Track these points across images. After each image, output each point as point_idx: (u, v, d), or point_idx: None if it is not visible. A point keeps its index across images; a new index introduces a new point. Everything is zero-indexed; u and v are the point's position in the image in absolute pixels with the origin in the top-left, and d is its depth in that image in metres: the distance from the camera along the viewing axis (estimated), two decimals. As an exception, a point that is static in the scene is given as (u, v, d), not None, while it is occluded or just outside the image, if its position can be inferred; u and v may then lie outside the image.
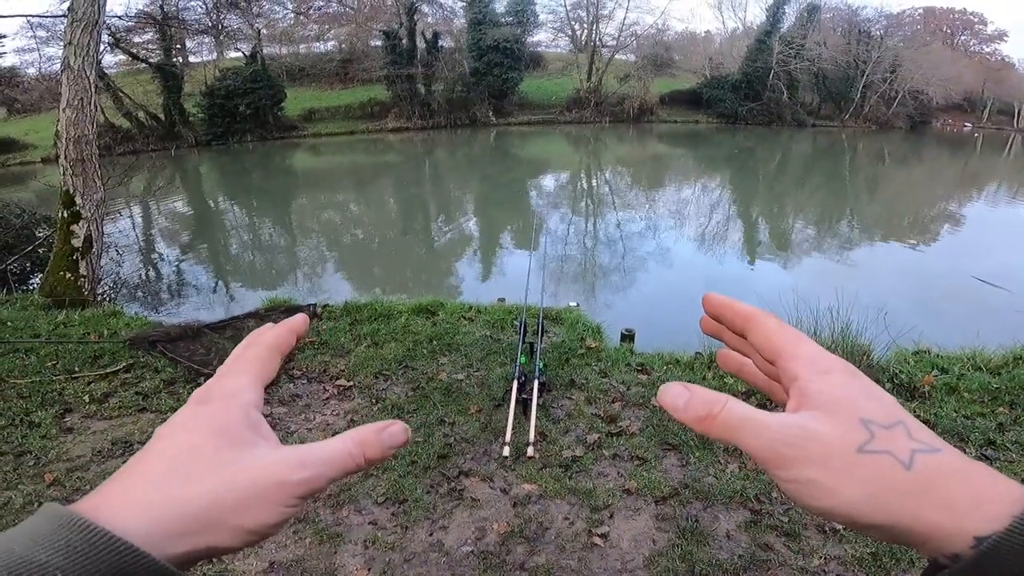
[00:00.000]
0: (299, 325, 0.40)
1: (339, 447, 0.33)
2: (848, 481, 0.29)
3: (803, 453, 0.30)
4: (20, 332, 4.84)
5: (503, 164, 23.92)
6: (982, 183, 21.25)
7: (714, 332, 0.41)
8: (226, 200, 17.91)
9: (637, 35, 36.87)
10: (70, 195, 5.89)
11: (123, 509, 0.28)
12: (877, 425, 0.30)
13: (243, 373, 0.36)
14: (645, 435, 3.36)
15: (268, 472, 0.31)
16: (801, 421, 0.31)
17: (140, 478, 0.30)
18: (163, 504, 0.29)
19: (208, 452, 0.31)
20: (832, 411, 0.31)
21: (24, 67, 29.20)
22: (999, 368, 4.06)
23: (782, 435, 0.30)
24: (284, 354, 0.39)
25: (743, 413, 0.32)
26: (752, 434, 0.31)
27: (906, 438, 0.29)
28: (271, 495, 0.31)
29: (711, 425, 0.32)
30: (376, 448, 0.34)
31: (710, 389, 0.33)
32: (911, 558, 2.44)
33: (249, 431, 0.33)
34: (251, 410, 0.34)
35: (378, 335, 4.66)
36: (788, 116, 35.84)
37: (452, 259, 10.72)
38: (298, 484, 0.31)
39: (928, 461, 0.29)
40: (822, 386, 0.32)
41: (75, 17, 5.54)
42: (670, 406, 0.33)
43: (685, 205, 15.70)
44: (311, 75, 34.55)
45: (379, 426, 0.35)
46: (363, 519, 2.77)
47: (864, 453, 0.29)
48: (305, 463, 0.32)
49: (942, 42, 44.37)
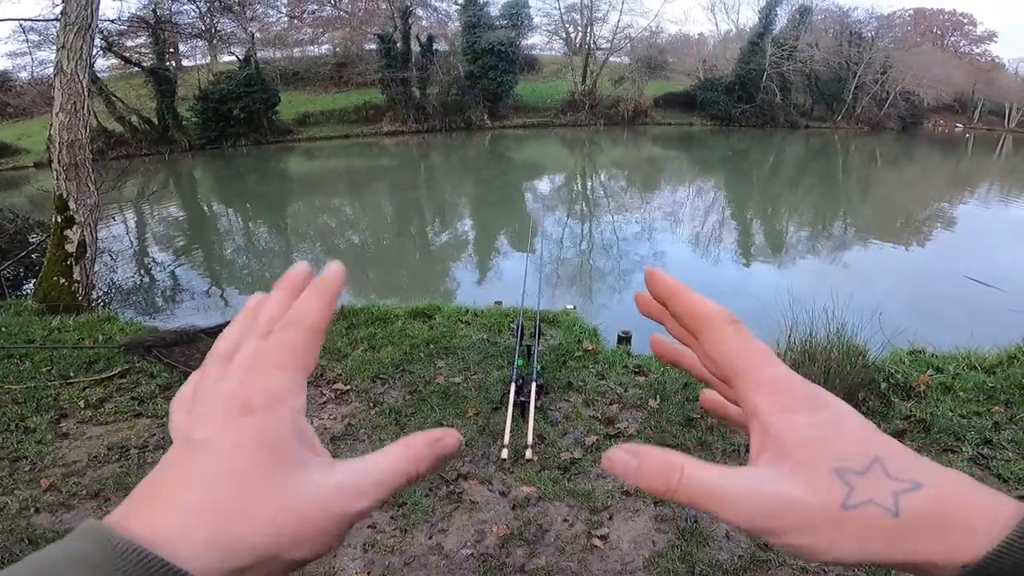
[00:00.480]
0: (338, 282, 0.34)
1: (394, 468, 0.31)
2: (838, 540, 0.27)
3: (785, 524, 0.28)
4: (14, 337, 4.82)
5: (498, 167, 23.94)
6: (974, 183, 21.40)
7: (654, 315, 0.36)
8: (220, 205, 17.86)
9: (631, 38, 36.99)
10: (63, 200, 5.86)
11: (179, 538, 0.26)
12: (853, 473, 0.28)
13: (285, 366, 0.31)
14: (643, 436, 3.37)
15: (328, 504, 0.29)
16: (774, 487, 0.28)
17: (192, 508, 0.27)
18: (224, 540, 0.27)
19: (260, 474, 0.28)
20: (802, 463, 0.28)
21: (16, 71, 29.14)
22: (994, 367, 4.08)
23: (758, 507, 0.28)
24: (326, 333, 0.33)
25: (705, 481, 0.29)
26: (726, 508, 0.28)
27: (884, 480, 0.28)
28: (329, 529, 0.29)
29: (675, 497, 0.29)
30: (429, 462, 0.32)
31: (660, 450, 0.30)
32: (909, 557, 2.46)
33: (300, 446, 0.30)
34: (300, 420, 0.30)
35: (375, 339, 4.65)
36: (781, 118, 36.02)
37: (448, 262, 10.72)
38: (355, 515, 0.29)
39: (913, 501, 0.27)
40: (787, 427, 0.29)
41: (68, 21, 5.52)
42: (619, 474, 0.30)
43: (680, 207, 15.76)
44: (305, 79, 34.51)
45: (431, 438, 0.32)
46: (362, 523, 2.77)
47: (848, 509, 0.27)
48: (364, 492, 0.30)
49: (932, 43, 44.70)
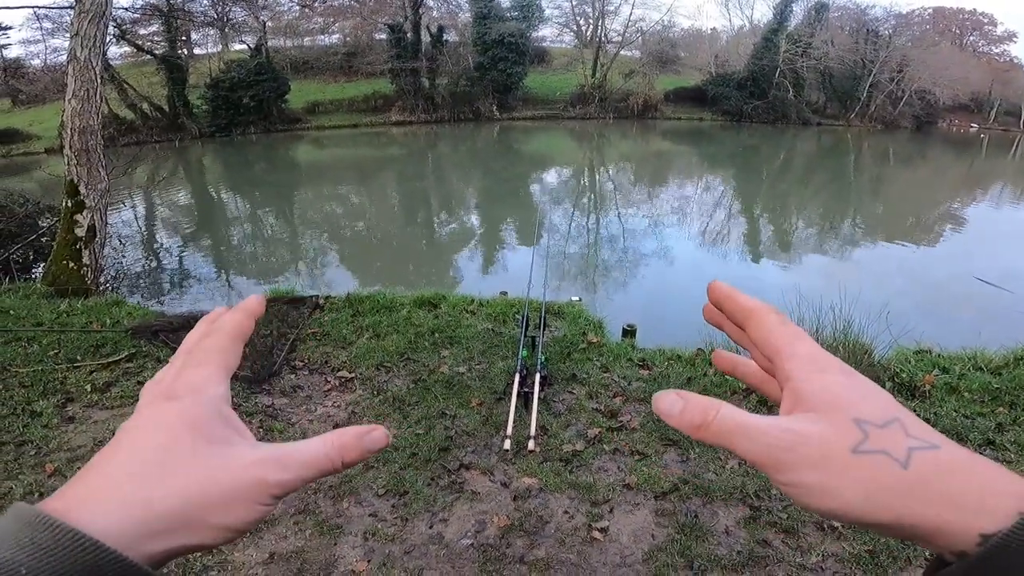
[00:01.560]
0: (255, 307, 0.38)
1: (319, 451, 0.33)
2: (845, 483, 0.28)
3: (798, 457, 0.29)
4: (22, 321, 4.86)
5: (506, 159, 23.88)
6: (987, 184, 21.17)
7: (716, 322, 0.40)
8: (229, 192, 17.92)
9: (643, 31, 36.70)
10: (74, 185, 5.90)
11: (94, 507, 0.27)
12: (871, 424, 0.29)
13: (206, 364, 0.35)
14: (646, 430, 3.36)
15: (248, 472, 0.31)
16: (795, 424, 0.31)
17: (111, 477, 0.29)
18: (139, 503, 0.28)
19: (184, 450, 0.30)
20: (825, 412, 0.30)
21: (29, 58, 29.29)
22: (1000, 368, 4.05)
23: (777, 439, 0.30)
24: (245, 340, 0.38)
25: (737, 419, 0.31)
26: (747, 439, 0.31)
27: (903, 436, 0.29)
28: (250, 494, 0.31)
29: (706, 432, 0.32)
30: (355, 452, 0.34)
31: (704, 396, 0.33)
32: (908, 556, 2.45)
33: (223, 427, 0.32)
34: (222, 405, 0.33)
35: (380, 327, 4.66)
36: (793, 114, 35.68)
37: (454, 253, 10.72)
38: (276, 485, 0.32)
39: (926, 458, 0.28)
40: (816, 386, 0.32)
41: (83, 8, 5.54)
42: (664, 413, 0.33)
43: (688, 202, 15.68)
44: (315, 68, 34.47)
45: (360, 431, 0.35)
46: (363, 511, 2.78)
47: (858, 454, 0.29)
48: (285, 465, 0.32)
49: (951, 42, 44.11)
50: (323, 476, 0.34)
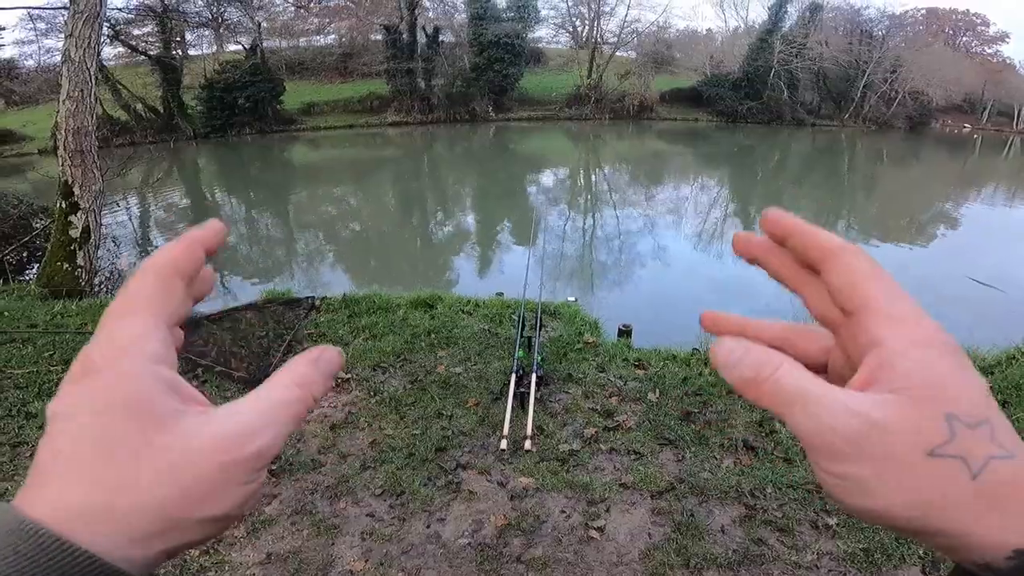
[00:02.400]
0: (208, 235, 0.30)
1: (280, 395, 0.28)
2: (904, 486, 0.24)
3: (860, 450, 0.25)
4: (17, 322, 4.84)
5: (502, 159, 23.90)
6: (980, 184, 21.29)
7: (755, 255, 0.33)
8: (224, 193, 17.88)
9: (638, 32, 36.78)
10: (68, 186, 5.88)
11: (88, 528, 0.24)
12: (962, 424, 0.25)
13: (130, 317, 0.27)
14: (642, 430, 3.38)
15: (211, 456, 0.26)
16: (868, 409, 0.25)
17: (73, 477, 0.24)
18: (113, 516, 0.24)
19: (128, 438, 0.25)
20: (919, 399, 0.25)
21: (23, 59, 29.11)
22: (992, 367, 4.08)
23: (841, 424, 0.25)
24: (190, 276, 0.29)
25: (798, 383, 0.26)
26: (803, 412, 0.26)
27: (988, 442, 0.24)
28: (221, 479, 0.26)
29: (757, 391, 0.27)
30: (319, 382, 0.30)
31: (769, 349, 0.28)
32: (903, 554, 2.47)
33: (165, 396, 0.26)
34: (158, 368, 0.27)
35: (376, 328, 4.67)
36: (788, 115, 35.81)
37: (450, 253, 10.73)
38: (251, 458, 0.27)
39: (999, 468, 0.24)
40: (914, 363, 0.26)
41: (77, 9, 5.52)
42: (721, 362, 0.28)
43: (683, 202, 15.72)
44: (311, 69, 34.44)
45: (310, 357, 0.30)
46: (361, 511, 2.79)
47: (934, 457, 0.24)
48: (252, 432, 0.27)
49: (944, 43, 44.34)
50: (300, 422, 0.29)
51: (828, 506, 2.75)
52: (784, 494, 2.84)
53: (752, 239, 0.32)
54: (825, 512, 2.72)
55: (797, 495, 2.83)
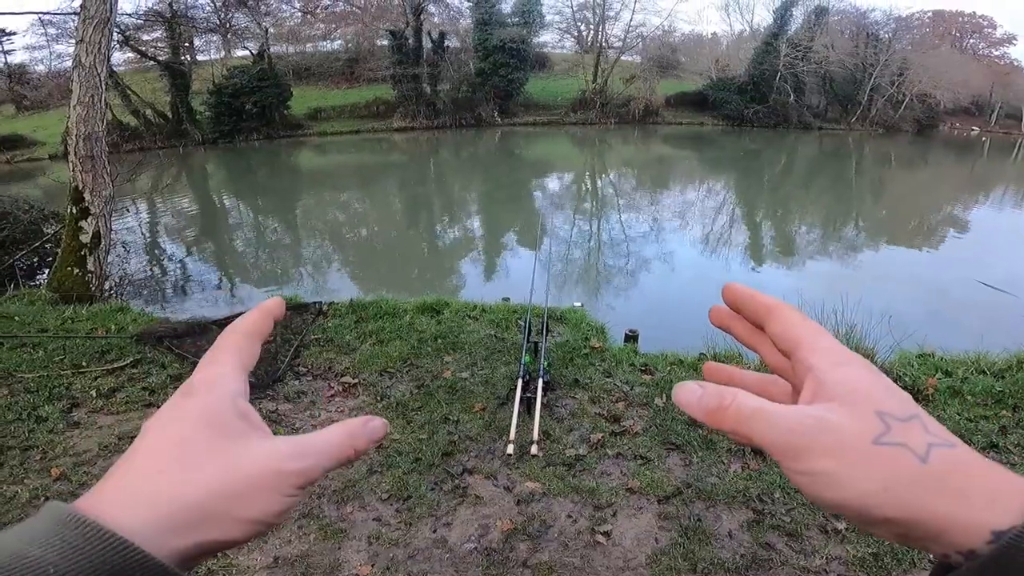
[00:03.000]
0: (274, 308, 0.39)
1: (334, 439, 0.34)
2: (863, 473, 0.28)
3: (818, 444, 0.29)
4: (28, 327, 4.88)
5: (508, 164, 23.94)
6: (989, 187, 21.16)
7: (724, 324, 0.40)
8: (232, 198, 17.98)
9: (643, 36, 36.80)
10: (79, 191, 5.93)
11: (121, 506, 0.28)
12: (893, 418, 0.29)
13: (223, 363, 0.35)
14: (648, 435, 3.37)
15: (265, 461, 0.31)
16: (816, 412, 0.30)
17: (136, 474, 0.29)
18: (162, 500, 0.28)
19: (201, 444, 0.31)
20: (848, 402, 0.30)
21: (33, 64, 29.45)
22: (1003, 372, 4.05)
23: (797, 424, 0.30)
24: (262, 338, 0.38)
25: (755, 404, 0.32)
26: (765, 424, 0.31)
27: (922, 432, 0.29)
28: (270, 484, 0.31)
29: (723, 416, 0.32)
30: (363, 440, 0.35)
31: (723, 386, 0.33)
32: (912, 559, 2.45)
33: (239, 421, 0.33)
34: (238, 399, 0.34)
35: (383, 333, 4.68)
36: (794, 119, 35.69)
37: (456, 259, 10.75)
38: (296, 473, 0.32)
39: (944, 455, 0.28)
40: (839, 377, 0.31)
41: (87, 15, 5.59)
42: (683, 402, 0.33)
43: (689, 207, 15.69)
44: (317, 74, 34.64)
45: (362, 420, 0.36)
46: (367, 515, 2.79)
47: (880, 445, 0.29)
48: (303, 453, 0.33)
49: (951, 45, 44.16)
50: (339, 464, 0.35)
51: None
52: (793, 499, 2.83)
53: (721, 310, 0.40)
54: (835, 517, 2.70)
55: (806, 500, 2.81)
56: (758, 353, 0.39)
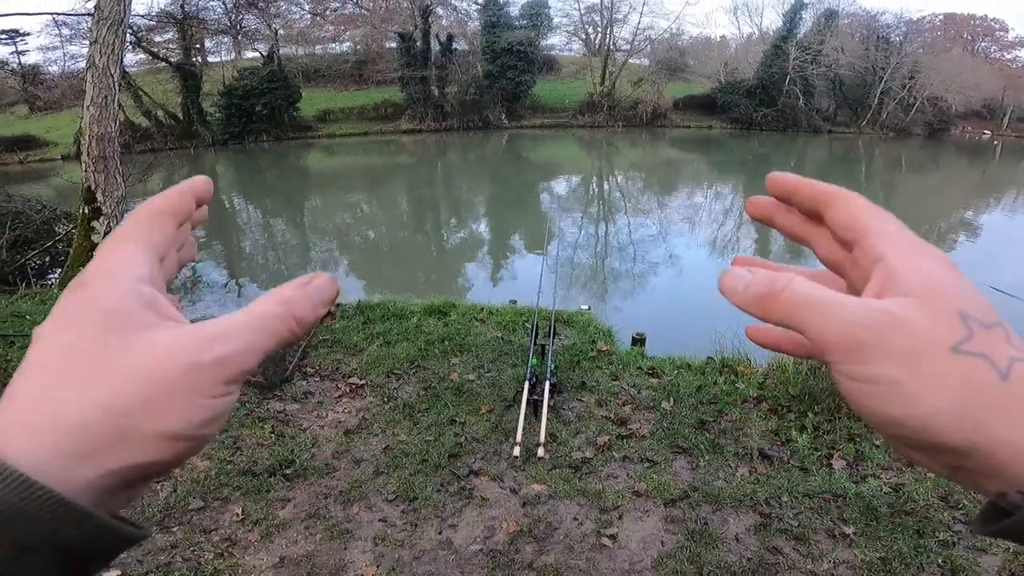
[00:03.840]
0: (198, 185, 0.33)
1: (259, 308, 0.28)
2: (937, 386, 0.24)
3: (886, 343, 0.25)
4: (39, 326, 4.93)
5: (515, 167, 23.96)
6: (1000, 192, 20.99)
7: (765, 215, 0.35)
8: (241, 199, 18.10)
9: (651, 39, 36.82)
10: (92, 191, 5.99)
11: (13, 437, 0.23)
12: (977, 322, 0.25)
13: (123, 244, 0.29)
14: (655, 438, 3.36)
15: (171, 354, 0.25)
16: (887, 305, 0.26)
17: (25, 396, 0.24)
18: (57, 420, 0.23)
19: (95, 348, 0.25)
20: (928, 298, 0.25)
21: (47, 65, 29.78)
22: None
23: (862, 318, 0.25)
24: (179, 218, 0.31)
25: (811, 291, 0.27)
26: (821, 314, 0.26)
27: (1005, 343, 0.24)
28: (184, 384, 0.25)
29: (774, 303, 0.27)
30: (304, 304, 0.29)
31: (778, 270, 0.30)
32: (921, 563, 2.43)
33: (143, 311, 0.26)
34: (140, 286, 0.27)
35: (390, 334, 4.70)
36: (804, 122, 35.54)
37: (464, 261, 10.76)
38: (218, 364, 0.26)
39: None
40: (916, 268, 0.27)
41: (101, 16, 5.65)
42: (729, 288, 0.30)
43: (697, 211, 15.66)
44: (326, 76, 34.84)
45: (301, 280, 0.30)
46: (373, 516, 2.80)
47: (958, 354, 0.24)
48: (219, 336, 0.26)
49: (962, 49, 43.87)
50: (279, 341, 0.28)
51: (845, 515, 2.72)
52: (800, 503, 2.81)
53: (762, 200, 0.35)
54: (842, 521, 2.69)
55: (814, 504, 2.80)
56: (810, 246, 0.34)
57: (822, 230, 0.33)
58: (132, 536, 0.25)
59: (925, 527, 2.63)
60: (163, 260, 0.30)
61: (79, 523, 0.22)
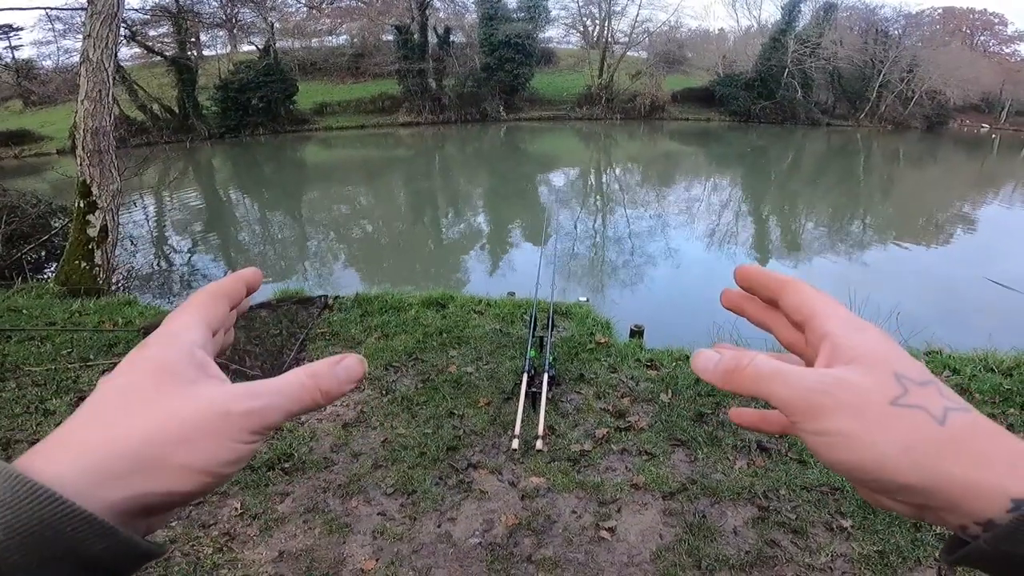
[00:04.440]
0: (249, 275, 0.38)
1: (291, 378, 0.32)
2: (883, 433, 0.28)
3: (836, 403, 0.29)
4: (36, 320, 4.91)
5: (513, 159, 23.90)
6: (998, 185, 20.99)
7: (736, 306, 0.41)
8: (238, 192, 18.04)
9: (650, 32, 36.65)
10: (87, 185, 5.96)
11: (53, 458, 0.26)
12: (910, 381, 0.29)
13: (183, 315, 0.34)
14: (654, 430, 3.36)
15: (210, 403, 0.29)
16: (835, 372, 0.30)
17: (75, 425, 0.28)
18: (95, 446, 0.27)
19: (146, 389, 0.29)
20: (866, 364, 0.30)
21: (41, 59, 29.59)
22: (1011, 370, 4.02)
23: (816, 383, 0.30)
24: (232, 302, 0.37)
25: (773, 364, 0.32)
26: (782, 383, 0.31)
27: (939, 396, 0.29)
28: (216, 427, 0.29)
29: (740, 377, 0.32)
30: (330, 380, 0.33)
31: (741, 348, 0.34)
32: (918, 556, 2.44)
33: (193, 369, 0.31)
34: (195, 349, 0.32)
35: (388, 327, 4.69)
36: (802, 115, 35.47)
37: (462, 253, 10.75)
38: (246, 415, 0.30)
39: (962, 419, 0.28)
40: (856, 341, 0.31)
41: (95, 10, 5.60)
42: (701, 368, 0.34)
43: (695, 203, 15.63)
44: (323, 69, 34.64)
45: (332, 359, 0.34)
46: (372, 510, 2.80)
47: (898, 407, 0.28)
48: (253, 394, 0.31)
49: (961, 42, 43.77)
50: (303, 408, 0.32)
51: (843, 508, 2.72)
52: (798, 496, 2.82)
53: (732, 293, 0.41)
54: (840, 514, 2.69)
55: (811, 497, 2.80)
56: (771, 332, 0.40)
57: (780, 315, 0.38)
58: (152, 552, 0.28)
59: (922, 521, 2.63)
60: (215, 334, 0.35)
61: (103, 537, 0.25)
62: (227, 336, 0.39)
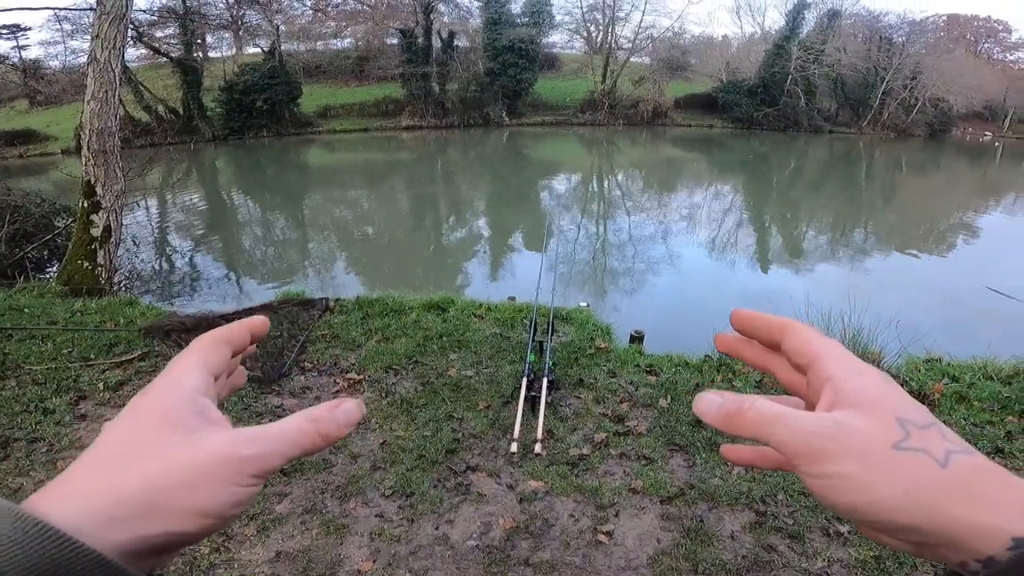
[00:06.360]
0: (256, 324, 0.39)
1: (291, 423, 0.33)
2: (884, 477, 0.28)
3: (838, 447, 0.29)
4: (37, 319, 4.93)
5: (515, 164, 23.93)
6: (1001, 194, 20.97)
7: (733, 350, 0.41)
8: (240, 194, 18.08)
9: (653, 38, 36.70)
10: (91, 185, 5.99)
11: (61, 501, 0.27)
12: (912, 424, 0.30)
13: (185, 363, 0.35)
14: (652, 435, 3.37)
15: (212, 449, 0.30)
16: (837, 416, 0.31)
17: (81, 470, 0.29)
18: (100, 491, 0.28)
19: (148, 436, 0.30)
20: (868, 408, 0.31)
21: (48, 59, 29.71)
22: (1010, 378, 4.02)
23: (817, 428, 0.30)
24: (236, 349, 0.38)
25: (774, 409, 0.32)
26: (784, 427, 0.31)
27: (941, 439, 0.29)
28: (216, 472, 0.30)
29: (742, 420, 0.32)
30: (329, 424, 0.34)
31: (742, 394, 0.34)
32: (914, 562, 2.44)
33: (194, 416, 0.32)
34: (196, 396, 0.33)
35: (389, 330, 4.70)
36: (805, 122, 35.47)
37: (463, 257, 10.75)
38: (247, 460, 0.31)
39: (963, 461, 0.28)
40: (858, 385, 0.32)
41: (103, 10, 5.63)
42: (703, 411, 0.34)
43: (697, 210, 15.64)
44: (327, 72, 34.72)
45: (331, 404, 0.35)
46: (370, 511, 2.80)
47: (900, 450, 0.29)
48: (255, 439, 0.32)
49: (965, 50, 43.80)
50: (304, 452, 0.33)
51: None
52: (796, 501, 2.82)
53: (728, 337, 0.41)
54: (837, 520, 2.69)
55: (809, 502, 2.80)
56: (771, 373, 0.40)
57: (780, 358, 0.38)
58: None
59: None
60: (217, 379, 0.36)
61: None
62: (234, 378, 0.40)
